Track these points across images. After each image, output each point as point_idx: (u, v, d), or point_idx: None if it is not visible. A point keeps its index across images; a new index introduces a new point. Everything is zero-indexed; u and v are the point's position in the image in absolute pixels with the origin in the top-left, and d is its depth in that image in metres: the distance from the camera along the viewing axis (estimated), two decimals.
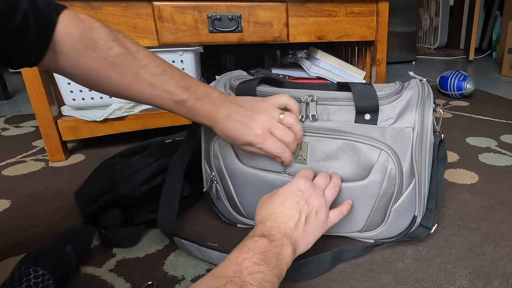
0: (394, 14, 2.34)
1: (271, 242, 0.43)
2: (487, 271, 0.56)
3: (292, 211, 0.48)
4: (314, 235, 0.49)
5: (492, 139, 1.10)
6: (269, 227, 0.46)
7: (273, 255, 0.41)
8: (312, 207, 0.50)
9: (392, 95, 0.55)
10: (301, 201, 0.49)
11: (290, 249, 0.44)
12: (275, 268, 0.40)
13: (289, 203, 0.49)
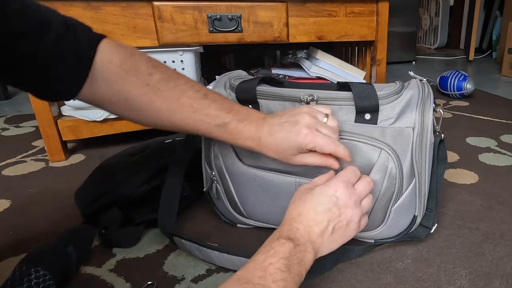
0: (394, 14, 2.34)
1: (296, 247, 0.42)
2: (487, 271, 0.56)
3: (322, 217, 0.45)
4: (338, 242, 0.47)
5: (492, 139, 1.10)
6: (296, 229, 0.44)
7: (296, 261, 0.41)
8: (344, 218, 0.47)
9: (392, 95, 0.55)
10: (334, 208, 0.46)
11: (312, 255, 0.43)
12: (296, 275, 0.40)
13: (321, 208, 0.46)
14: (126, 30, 0.91)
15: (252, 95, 0.59)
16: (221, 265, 0.57)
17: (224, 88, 0.64)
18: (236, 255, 0.55)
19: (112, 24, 0.89)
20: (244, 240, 0.64)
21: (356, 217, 0.48)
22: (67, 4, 0.85)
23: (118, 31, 0.90)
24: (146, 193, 0.66)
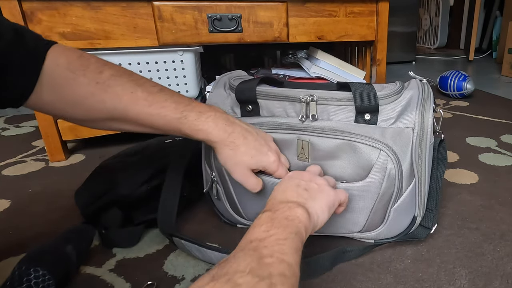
0: (394, 14, 2.34)
1: (275, 212, 0.40)
2: (487, 271, 0.56)
3: (290, 187, 0.46)
4: (323, 201, 0.46)
5: (492, 139, 1.10)
6: (270, 204, 0.43)
7: (281, 219, 0.39)
8: (309, 181, 0.48)
9: (392, 95, 0.55)
10: (296, 179, 0.48)
11: (300, 210, 0.41)
12: (287, 227, 0.38)
13: (285, 184, 0.47)
14: (126, 30, 0.91)
15: (252, 95, 0.59)
16: None
17: (224, 88, 0.64)
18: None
19: (112, 24, 0.89)
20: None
21: (321, 180, 0.49)
22: (67, 4, 0.85)
23: (118, 31, 0.90)
24: (146, 193, 0.66)
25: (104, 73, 0.47)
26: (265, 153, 0.53)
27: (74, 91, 0.45)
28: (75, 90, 0.45)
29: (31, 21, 0.85)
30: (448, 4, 2.99)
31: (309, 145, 0.56)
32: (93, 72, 0.46)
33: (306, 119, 0.57)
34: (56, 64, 0.44)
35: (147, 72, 0.97)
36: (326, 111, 0.57)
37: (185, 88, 1.01)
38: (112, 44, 0.91)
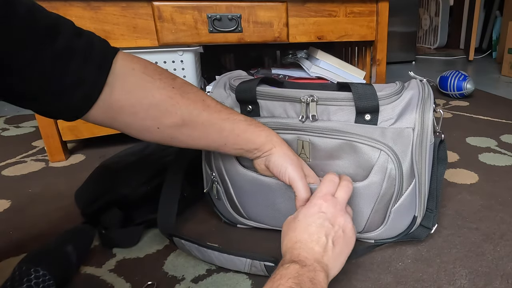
0: (394, 14, 2.34)
1: (303, 267, 0.41)
2: (487, 271, 0.56)
3: (318, 235, 0.45)
4: (345, 254, 0.48)
5: (492, 139, 1.10)
6: (297, 254, 0.44)
7: (307, 280, 0.40)
8: (339, 227, 0.47)
9: (393, 95, 0.55)
10: (326, 222, 0.46)
11: (323, 274, 0.42)
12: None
13: (313, 228, 0.46)
14: (126, 30, 0.91)
15: (252, 96, 0.59)
16: (221, 265, 0.57)
17: (224, 88, 0.64)
18: (236, 255, 0.55)
19: (112, 24, 0.89)
20: (244, 241, 0.64)
21: (348, 222, 0.48)
22: (67, 4, 0.85)
23: (118, 31, 0.90)
24: (146, 193, 0.66)
25: (177, 80, 0.49)
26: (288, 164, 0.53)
27: (153, 94, 0.46)
28: (154, 93, 0.46)
29: None
30: (448, 4, 2.99)
31: (310, 145, 0.56)
32: (168, 78, 0.48)
33: (306, 119, 0.57)
34: (131, 68, 0.45)
35: None
36: (326, 111, 0.57)
37: None
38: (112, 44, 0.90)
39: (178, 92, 0.48)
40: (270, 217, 0.61)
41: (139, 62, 0.47)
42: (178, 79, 0.50)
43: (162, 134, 0.49)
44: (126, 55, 0.46)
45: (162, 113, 0.47)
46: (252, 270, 0.55)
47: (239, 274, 0.56)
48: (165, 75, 0.48)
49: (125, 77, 0.45)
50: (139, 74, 0.46)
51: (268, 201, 0.59)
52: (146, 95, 0.46)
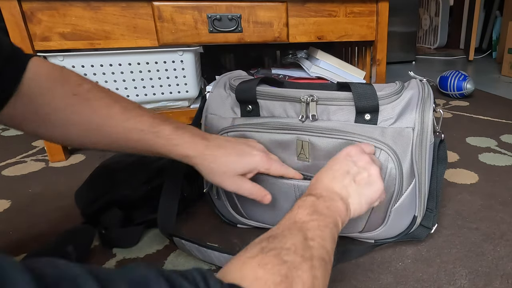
0: (394, 14, 2.34)
1: (319, 198, 0.42)
2: (487, 271, 0.56)
3: (339, 172, 0.46)
4: (366, 197, 0.46)
5: (492, 139, 1.10)
6: (315, 187, 0.44)
7: (323, 207, 0.40)
8: (363, 169, 0.46)
9: (392, 95, 0.55)
10: (349, 163, 0.47)
11: (341, 203, 0.43)
12: (327, 217, 0.39)
13: (336, 166, 0.47)
14: (126, 30, 0.91)
15: (252, 95, 0.59)
16: (221, 265, 0.57)
17: (224, 88, 0.64)
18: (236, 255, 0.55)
19: (112, 24, 0.89)
20: (244, 240, 0.64)
21: (374, 168, 0.47)
22: (67, 4, 0.85)
23: (118, 31, 0.90)
24: (146, 193, 0.66)
25: (83, 86, 0.47)
26: (248, 153, 0.52)
27: (49, 102, 0.44)
28: (50, 101, 0.44)
29: (31, 21, 0.85)
30: (448, 4, 2.99)
31: (309, 145, 0.56)
32: (72, 84, 0.46)
33: (306, 119, 0.57)
34: (36, 74, 0.44)
35: (147, 72, 0.97)
36: (326, 111, 0.57)
37: (185, 88, 1.01)
38: (112, 44, 0.91)
39: (80, 100, 0.46)
40: (270, 216, 0.61)
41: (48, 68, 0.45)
42: (86, 85, 0.47)
43: (71, 141, 0.48)
44: (37, 61, 0.45)
45: (62, 123, 0.46)
46: None
47: None
48: (71, 81, 0.46)
49: (29, 84, 0.44)
50: (41, 81, 0.44)
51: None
52: (44, 103, 0.44)
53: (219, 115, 0.62)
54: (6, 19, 0.83)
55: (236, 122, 0.60)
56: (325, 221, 0.39)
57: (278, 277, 0.30)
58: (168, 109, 1.04)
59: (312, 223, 0.38)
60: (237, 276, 0.30)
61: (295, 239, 0.35)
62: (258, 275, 0.30)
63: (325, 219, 0.39)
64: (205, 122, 0.64)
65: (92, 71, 0.93)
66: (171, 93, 1.01)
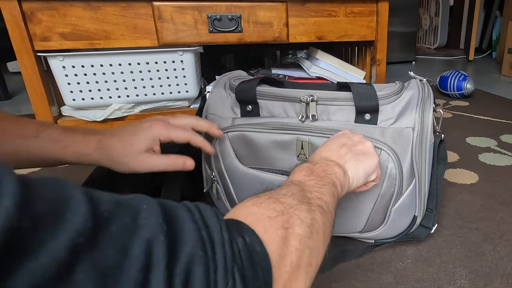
0: (394, 14, 2.34)
1: (315, 164, 0.42)
2: (487, 271, 0.56)
3: (335, 145, 0.47)
4: (364, 165, 0.46)
5: (492, 139, 1.10)
6: (312, 158, 0.45)
7: (320, 171, 0.40)
8: (358, 142, 0.48)
9: (392, 95, 0.55)
10: (344, 138, 0.48)
11: (338, 167, 0.43)
12: (324, 177, 0.39)
13: (331, 142, 0.48)
14: (126, 30, 0.91)
15: (251, 95, 0.59)
16: None
17: (224, 88, 0.64)
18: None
19: (112, 24, 0.89)
20: None
21: (369, 144, 0.48)
22: (67, 4, 0.85)
23: (118, 31, 0.90)
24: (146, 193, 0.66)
25: None
26: (142, 128, 0.49)
27: None
28: None
29: (30, 21, 0.85)
30: (448, 4, 2.99)
31: (309, 146, 0.56)
32: None
33: (306, 119, 0.57)
34: None
35: (147, 72, 0.97)
36: (326, 111, 0.57)
37: (185, 88, 1.01)
38: (112, 44, 0.91)
39: None
40: None
41: None
42: None
43: None
44: None
45: None
46: None
47: None
48: None
49: None
50: None
51: None
52: None
53: (219, 115, 0.62)
54: (6, 19, 0.83)
55: (236, 122, 0.60)
56: (323, 181, 0.39)
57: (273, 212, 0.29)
58: (168, 109, 1.04)
59: (309, 182, 0.37)
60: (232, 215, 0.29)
61: (292, 189, 0.34)
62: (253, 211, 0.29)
63: (322, 179, 0.39)
64: None
65: (92, 71, 0.92)
66: (171, 93, 1.01)
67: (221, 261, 0.23)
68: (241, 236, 0.26)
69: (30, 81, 0.89)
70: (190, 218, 0.24)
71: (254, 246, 0.26)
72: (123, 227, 0.21)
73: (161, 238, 0.21)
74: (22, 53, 0.86)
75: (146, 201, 0.24)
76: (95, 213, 0.20)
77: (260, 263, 0.25)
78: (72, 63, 0.90)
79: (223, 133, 0.58)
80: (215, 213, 0.26)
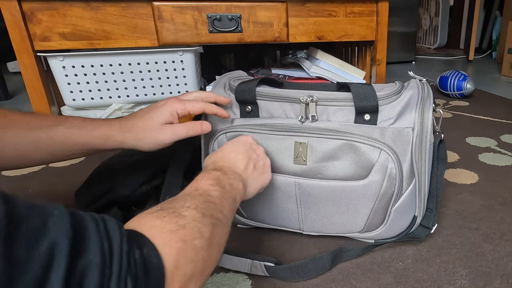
0: (394, 14, 2.34)
1: (224, 174, 0.45)
2: (487, 271, 0.56)
3: (243, 156, 0.50)
4: (260, 182, 0.52)
5: (492, 139, 1.10)
6: (221, 165, 0.48)
7: (226, 183, 0.44)
8: (260, 158, 0.53)
9: (392, 95, 0.55)
10: (250, 150, 0.52)
11: (241, 184, 0.47)
12: (228, 191, 0.43)
13: (239, 150, 0.51)
14: (126, 30, 0.91)
15: (251, 96, 0.59)
16: (221, 265, 0.57)
17: (223, 88, 0.64)
18: (236, 255, 0.55)
19: (112, 24, 0.90)
20: (244, 241, 0.64)
21: (268, 161, 0.54)
22: (67, 4, 0.85)
23: (118, 31, 0.90)
24: (146, 193, 0.66)
25: None
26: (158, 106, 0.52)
27: None
28: None
29: (30, 21, 0.85)
30: (448, 4, 2.99)
31: (307, 147, 0.56)
32: None
33: (306, 120, 0.57)
34: None
35: (147, 72, 0.97)
36: (326, 111, 0.57)
37: (185, 88, 1.01)
38: (112, 44, 0.91)
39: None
40: (270, 215, 0.61)
41: None
42: None
43: None
44: None
45: None
46: (252, 270, 0.55)
47: (239, 274, 0.56)
48: None
49: None
50: None
51: (270, 199, 0.59)
52: None
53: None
54: (6, 19, 0.83)
55: (235, 122, 0.60)
56: (226, 194, 0.42)
57: (175, 226, 0.31)
58: None
59: (214, 192, 0.40)
60: (134, 226, 0.31)
61: (195, 200, 0.37)
62: (155, 224, 0.31)
63: (226, 193, 0.42)
64: None
65: (92, 71, 0.93)
66: (171, 93, 1.01)
67: (116, 269, 0.25)
68: (140, 248, 0.28)
69: (30, 81, 0.89)
70: (95, 228, 0.27)
71: (151, 258, 0.28)
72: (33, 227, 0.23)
73: (65, 241, 0.23)
74: (22, 53, 0.86)
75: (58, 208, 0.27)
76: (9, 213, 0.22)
77: (154, 273, 0.28)
78: (72, 63, 0.91)
79: (222, 133, 0.59)
80: (118, 226, 0.28)
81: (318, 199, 0.56)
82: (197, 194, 0.39)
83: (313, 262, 0.54)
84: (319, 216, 0.58)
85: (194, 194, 0.38)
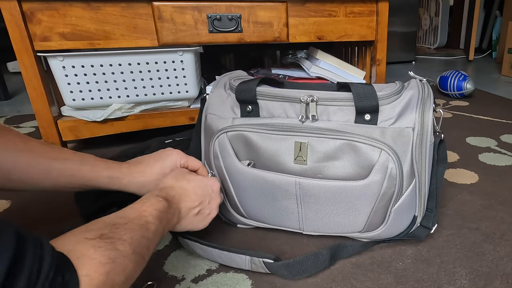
0: (394, 14, 2.34)
1: (169, 208, 0.48)
2: (487, 271, 0.56)
3: (196, 197, 0.53)
4: (191, 225, 0.54)
5: (492, 139, 1.10)
6: (172, 196, 0.51)
7: (165, 218, 0.47)
8: (210, 208, 0.56)
9: (392, 95, 0.55)
10: (207, 198, 0.55)
11: (176, 219, 0.51)
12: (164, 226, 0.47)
13: (199, 191, 0.54)
14: (126, 30, 0.91)
15: (251, 96, 0.59)
16: (223, 262, 0.57)
17: (224, 88, 0.64)
18: (236, 252, 0.55)
19: (112, 24, 0.89)
20: (244, 240, 0.64)
21: (213, 214, 0.57)
22: (67, 4, 0.85)
23: (118, 31, 0.90)
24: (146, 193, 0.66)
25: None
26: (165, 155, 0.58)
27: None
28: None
29: (30, 21, 0.85)
30: (448, 4, 2.99)
31: (308, 147, 0.56)
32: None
33: (306, 119, 0.57)
34: None
35: (147, 72, 0.97)
36: (326, 111, 0.57)
37: (185, 88, 1.01)
38: (112, 44, 0.91)
39: None
40: (270, 215, 0.61)
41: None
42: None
43: None
44: None
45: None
46: (252, 267, 0.55)
47: (239, 274, 0.56)
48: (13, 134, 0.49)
49: None
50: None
51: (270, 198, 0.59)
52: None
53: (218, 115, 0.62)
54: (6, 19, 0.83)
55: (236, 122, 0.60)
56: (162, 228, 0.46)
57: (106, 259, 0.34)
58: (168, 109, 1.04)
59: (152, 226, 0.43)
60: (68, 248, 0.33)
61: (135, 235, 0.40)
62: (88, 253, 0.33)
63: (162, 227, 0.46)
64: (205, 122, 0.64)
65: (92, 71, 0.93)
66: (171, 93, 1.01)
67: None
68: (62, 276, 0.30)
69: (30, 81, 0.89)
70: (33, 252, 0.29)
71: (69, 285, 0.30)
72: None
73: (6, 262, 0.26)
74: (22, 53, 0.86)
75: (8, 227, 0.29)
76: None
77: None
78: (72, 63, 0.91)
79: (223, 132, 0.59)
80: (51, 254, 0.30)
81: (318, 199, 0.56)
82: (138, 224, 0.41)
83: (311, 259, 0.54)
84: (320, 216, 0.58)
85: (136, 224, 0.41)
